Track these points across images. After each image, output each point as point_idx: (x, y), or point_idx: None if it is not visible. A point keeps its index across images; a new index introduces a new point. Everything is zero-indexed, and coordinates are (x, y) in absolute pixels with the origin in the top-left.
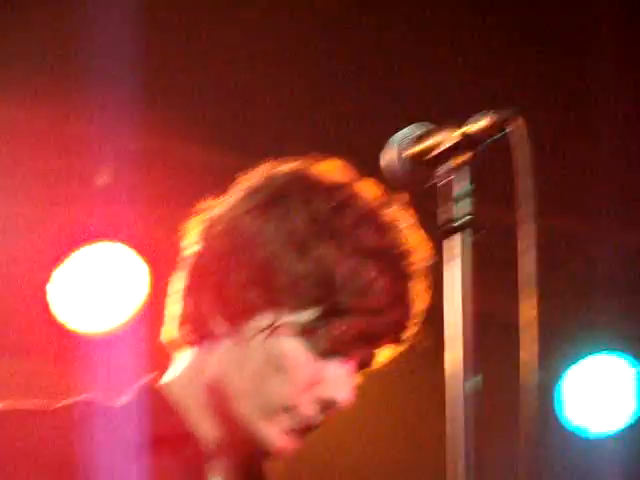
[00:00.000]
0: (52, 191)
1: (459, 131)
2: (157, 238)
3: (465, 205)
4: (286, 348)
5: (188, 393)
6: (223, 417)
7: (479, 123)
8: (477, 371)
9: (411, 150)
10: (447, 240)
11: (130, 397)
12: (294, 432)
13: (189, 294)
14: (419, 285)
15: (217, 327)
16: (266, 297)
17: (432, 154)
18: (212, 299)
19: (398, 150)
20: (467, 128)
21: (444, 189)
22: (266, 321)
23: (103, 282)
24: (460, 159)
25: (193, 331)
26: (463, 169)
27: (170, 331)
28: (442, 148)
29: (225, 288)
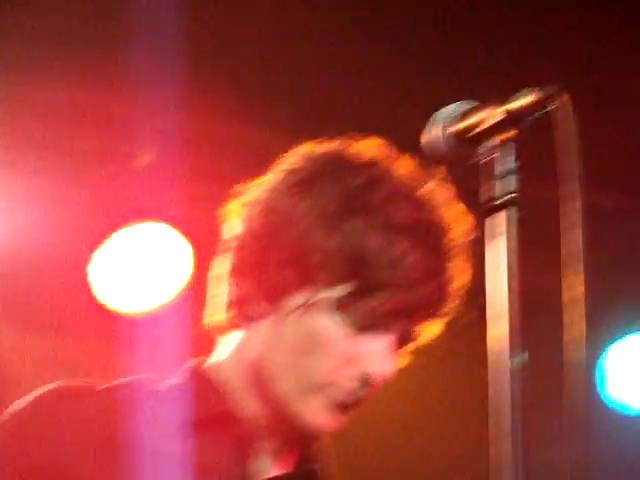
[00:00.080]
0: (95, 171)
1: (503, 108)
2: (201, 218)
3: (509, 182)
4: (321, 324)
5: (234, 375)
6: (265, 397)
7: (523, 100)
8: (523, 348)
9: (455, 127)
10: (489, 218)
11: (177, 380)
12: (334, 409)
13: (232, 277)
14: (458, 261)
15: (259, 309)
16: (301, 275)
17: (475, 131)
18: (253, 281)
19: (443, 127)
20: (511, 105)
21: (487, 167)
22: (302, 299)
23: (146, 262)
24: (504, 136)
25: (238, 314)
26: (508, 146)
27: (214, 315)
28: (486, 125)
29: (264, 269)
